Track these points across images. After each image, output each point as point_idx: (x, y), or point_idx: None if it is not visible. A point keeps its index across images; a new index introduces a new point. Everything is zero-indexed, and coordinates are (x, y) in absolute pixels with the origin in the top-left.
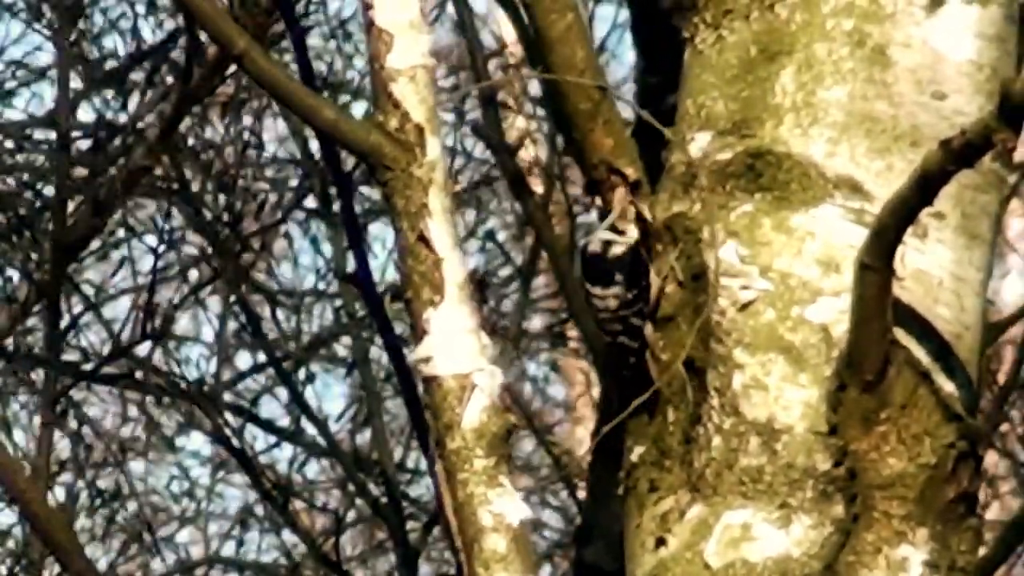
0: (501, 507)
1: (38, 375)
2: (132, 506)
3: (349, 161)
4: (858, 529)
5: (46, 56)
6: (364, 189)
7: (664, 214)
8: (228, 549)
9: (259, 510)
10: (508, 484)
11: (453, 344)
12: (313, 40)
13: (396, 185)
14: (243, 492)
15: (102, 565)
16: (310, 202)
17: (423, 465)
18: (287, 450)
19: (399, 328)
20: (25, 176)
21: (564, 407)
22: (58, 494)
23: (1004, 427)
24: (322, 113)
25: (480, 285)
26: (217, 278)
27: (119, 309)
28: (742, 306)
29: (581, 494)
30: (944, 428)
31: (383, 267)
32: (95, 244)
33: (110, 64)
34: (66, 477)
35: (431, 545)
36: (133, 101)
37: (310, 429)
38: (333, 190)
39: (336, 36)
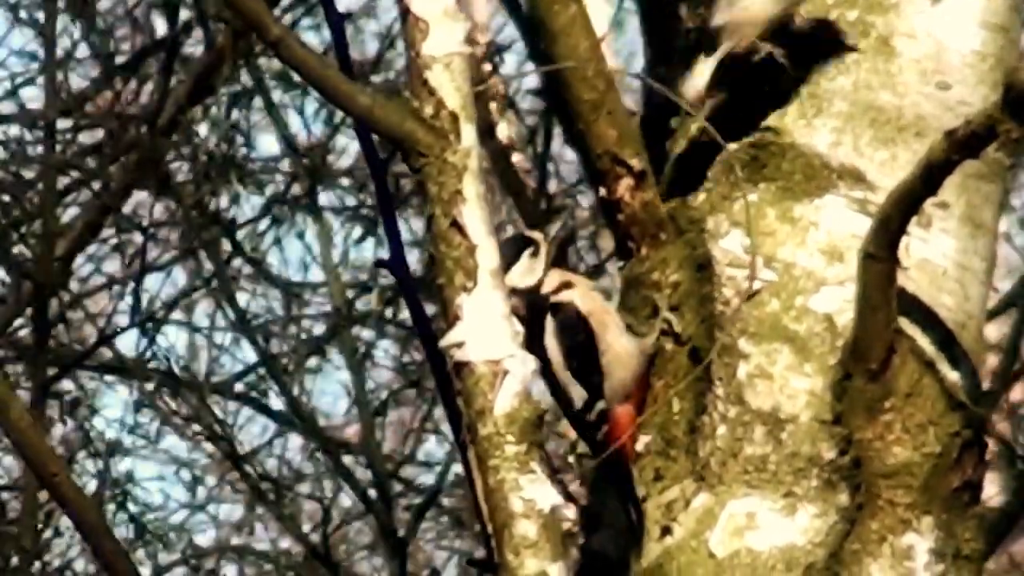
0: (532, 493)
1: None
2: (141, 495)
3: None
4: (863, 518)
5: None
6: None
7: (669, 204)
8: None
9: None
10: (539, 470)
11: (485, 330)
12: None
13: (430, 171)
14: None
15: None
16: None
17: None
18: (278, 447)
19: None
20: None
21: None
22: None
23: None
24: (357, 99)
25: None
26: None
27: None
28: (747, 296)
29: None
30: (948, 417)
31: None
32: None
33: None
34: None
35: (421, 535)
36: (143, 93)
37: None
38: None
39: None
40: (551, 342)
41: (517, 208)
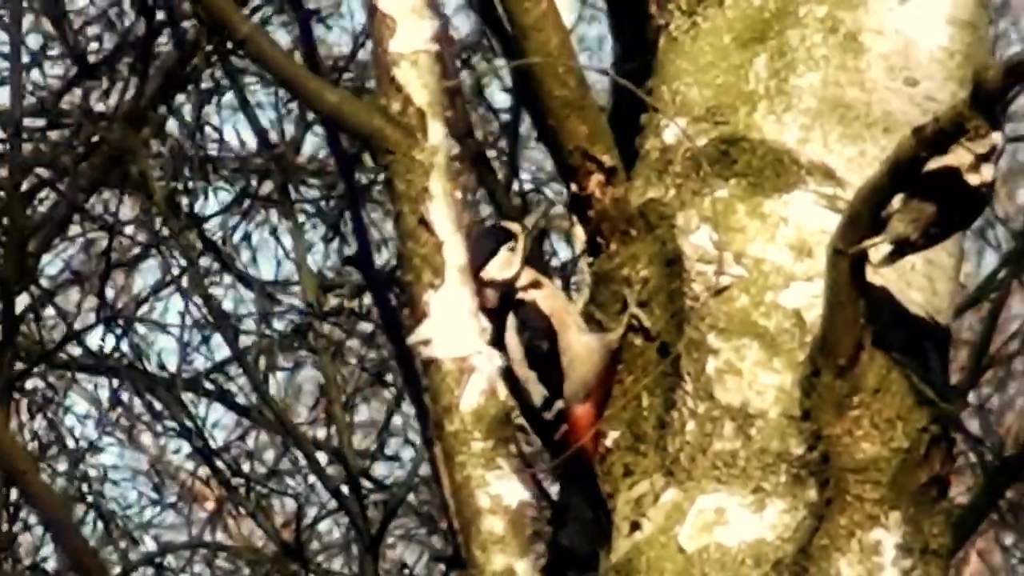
0: (499, 489)
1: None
2: (112, 491)
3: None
4: (831, 513)
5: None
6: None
7: (639, 200)
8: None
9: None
10: (506, 466)
11: (453, 327)
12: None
13: (398, 169)
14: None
15: None
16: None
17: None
18: (250, 442)
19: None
20: None
21: None
22: None
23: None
24: (325, 97)
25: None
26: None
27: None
28: (716, 292)
29: None
30: (917, 412)
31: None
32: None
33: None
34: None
35: (391, 532)
36: (114, 91)
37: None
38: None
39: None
40: (512, 339)
41: (491, 203)
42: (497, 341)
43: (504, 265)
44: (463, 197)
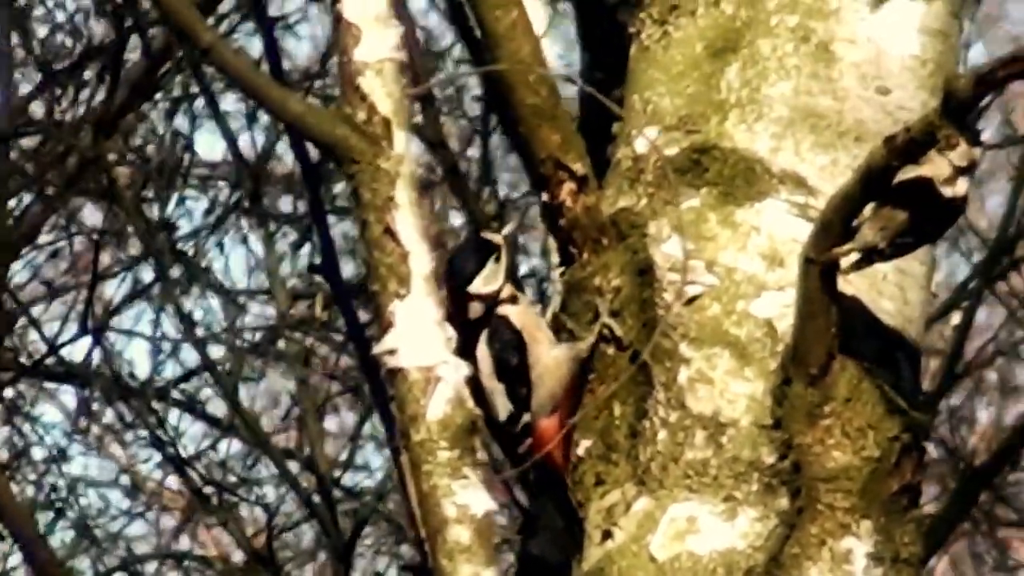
0: (465, 498)
1: None
2: (80, 501)
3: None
4: (803, 522)
5: None
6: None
7: (610, 209)
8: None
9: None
10: (472, 476)
11: (419, 336)
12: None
13: (363, 178)
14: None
15: None
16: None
17: (360, 458)
18: (223, 450)
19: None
20: None
21: None
22: None
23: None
24: (289, 105)
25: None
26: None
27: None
28: (688, 301)
29: None
30: (888, 421)
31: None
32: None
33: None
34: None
35: (361, 540)
36: (82, 98)
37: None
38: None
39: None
40: (482, 350)
41: (464, 211)
42: (465, 352)
43: (490, 278)
44: (437, 207)
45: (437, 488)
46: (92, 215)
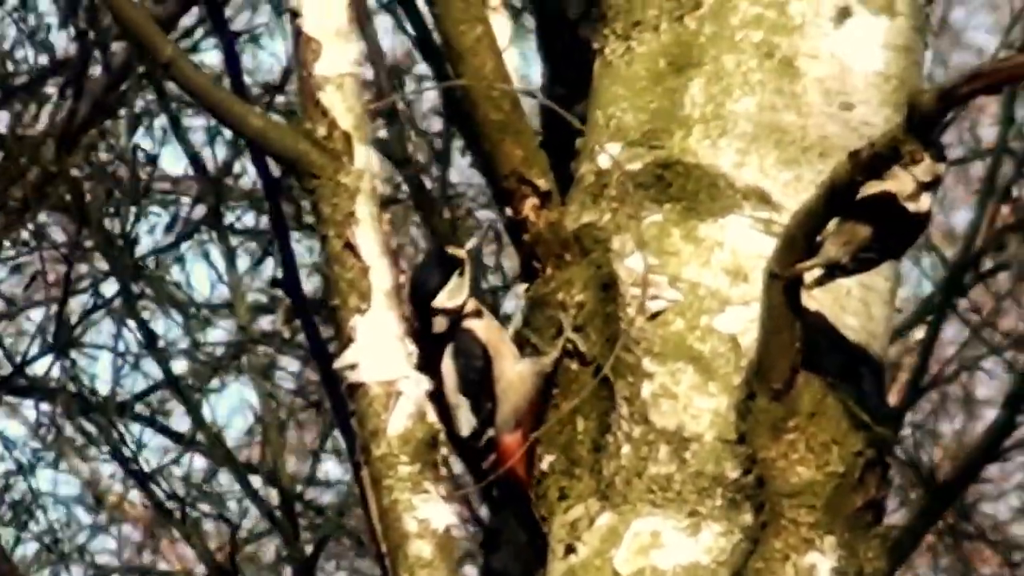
0: (426, 513)
1: None
2: (44, 515)
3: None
4: (766, 537)
5: None
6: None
7: (574, 224)
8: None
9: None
10: (433, 490)
11: (379, 351)
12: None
13: (323, 193)
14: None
15: None
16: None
17: (321, 472)
18: (185, 464)
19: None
20: None
21: None
22: None
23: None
24: (249, 121)
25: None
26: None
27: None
28: (651, 315)
29: None
30: (852, 436)
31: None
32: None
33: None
34: None
35: (326, 553)
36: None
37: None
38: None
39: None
40: (447, 365)
41: (425, 226)
42: (429, 366)
43: (453, 292)
44: (395, 222)
45: (398, 503)
46: (54, 230)
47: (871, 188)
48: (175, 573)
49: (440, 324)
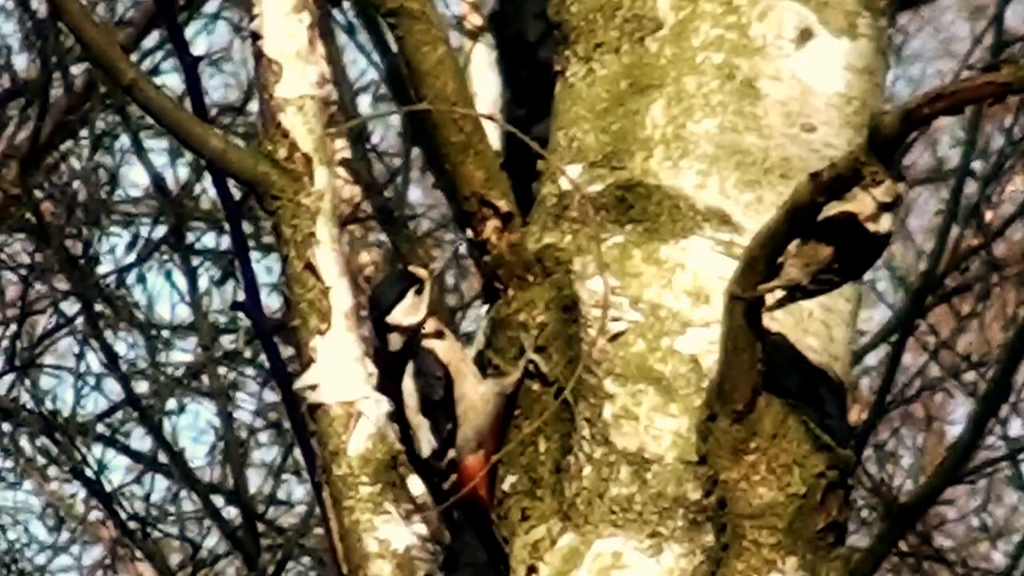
0: (386, 533)
1: None
2: (4, 534)
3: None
4: (728, 558)
5: None
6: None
7: (535, 246)
8: None
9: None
10: (394, 511)
11: (339, 372)
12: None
13: (284, 214)
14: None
15: None
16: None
17: (283, 493)
18: (147, 484)
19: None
20: None
21: None
22: None
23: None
24: (209, 142)
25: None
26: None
27: None
28: (612, 337)
29: None
30: (814, 458)
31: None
32: None
33: None
34: None
35: (287, 573)
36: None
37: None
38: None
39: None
40: (408, 385)
41: (392, 245)
42: (387, 387)
43: (410, 310)
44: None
45: (359, 523)
46: (14, 249)
47: (832, 209)
48: None
49: (394, 341)
